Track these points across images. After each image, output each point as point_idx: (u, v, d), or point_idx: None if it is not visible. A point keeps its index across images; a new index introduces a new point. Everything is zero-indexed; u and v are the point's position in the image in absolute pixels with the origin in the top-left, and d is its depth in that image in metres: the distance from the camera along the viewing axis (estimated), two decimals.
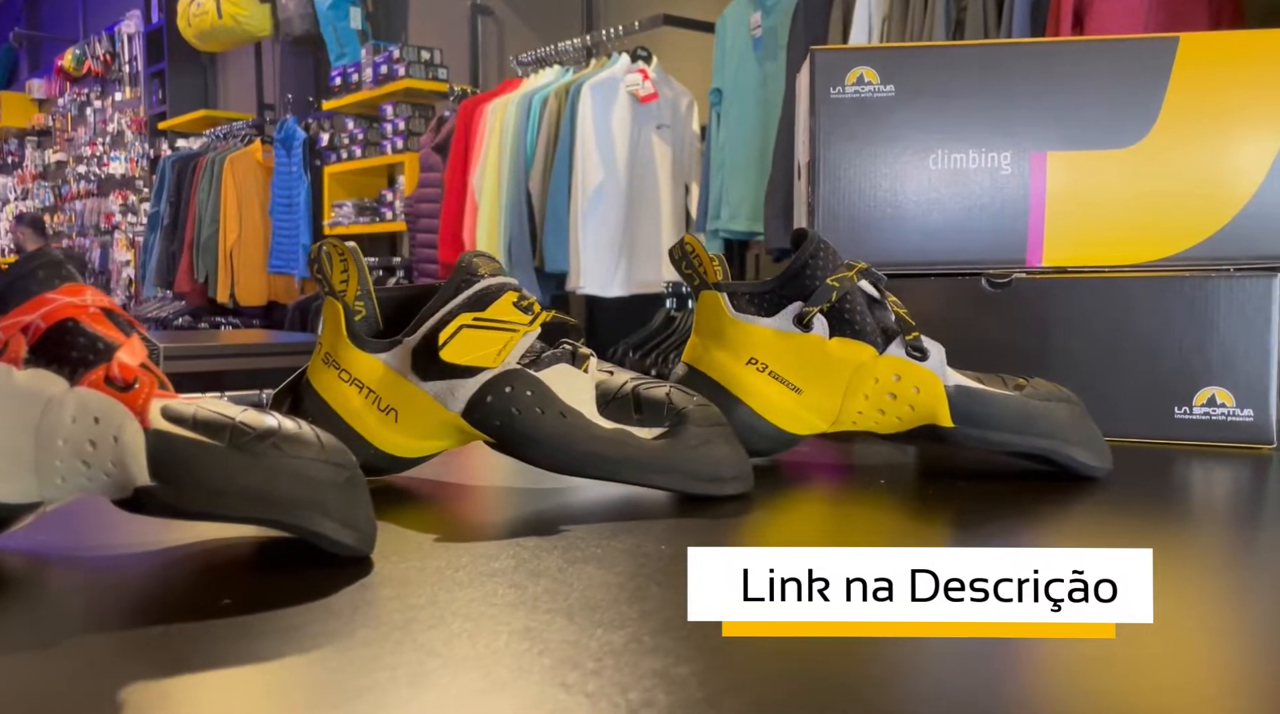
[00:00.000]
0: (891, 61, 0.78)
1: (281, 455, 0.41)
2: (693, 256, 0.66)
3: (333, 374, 0.58)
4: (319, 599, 0.37)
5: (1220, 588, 0.42)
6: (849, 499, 0.58)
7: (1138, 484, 0.64)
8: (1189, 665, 0.33)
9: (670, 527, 0.50)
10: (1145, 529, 0.51)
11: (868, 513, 0.55)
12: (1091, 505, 0.56)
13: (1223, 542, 0.50)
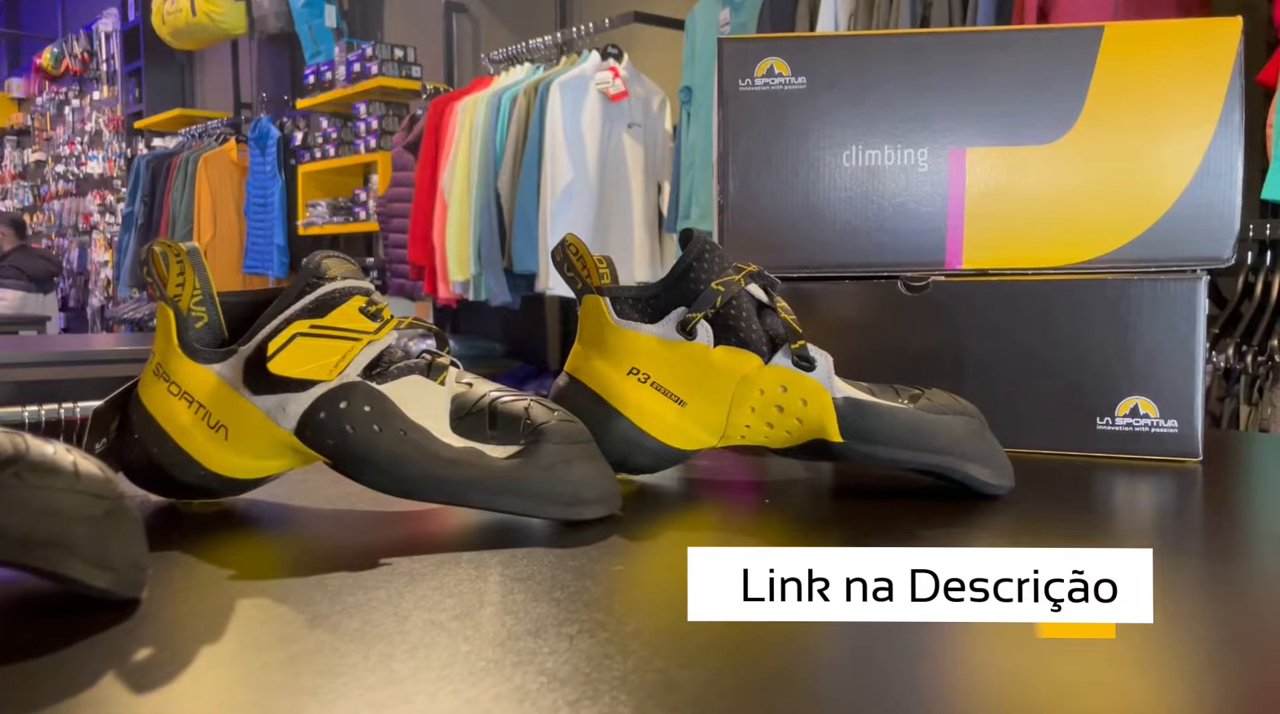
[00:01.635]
0: (803, 52, 0.73)
1: (24, 486, 0.36)
2: (575, 257, 0.61)
3: (162, 387, 0.53)
4: (54, 652, 0.33)
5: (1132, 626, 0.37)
6: (727, 523, 0.54)
7: (1052, 499, 0.60)
8: (1106, 684, 0.29)
9: (514, 558, 0.45)
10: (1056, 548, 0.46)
11: (744, 540, 0.50)
12: (995, 526, 0.52)
13: None
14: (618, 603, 0.39)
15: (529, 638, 0.35)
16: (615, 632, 0.35)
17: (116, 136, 6.84)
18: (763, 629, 0.35)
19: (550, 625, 0.36)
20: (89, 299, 7.24)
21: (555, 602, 0.39)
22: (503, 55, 3.50)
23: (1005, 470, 0.57)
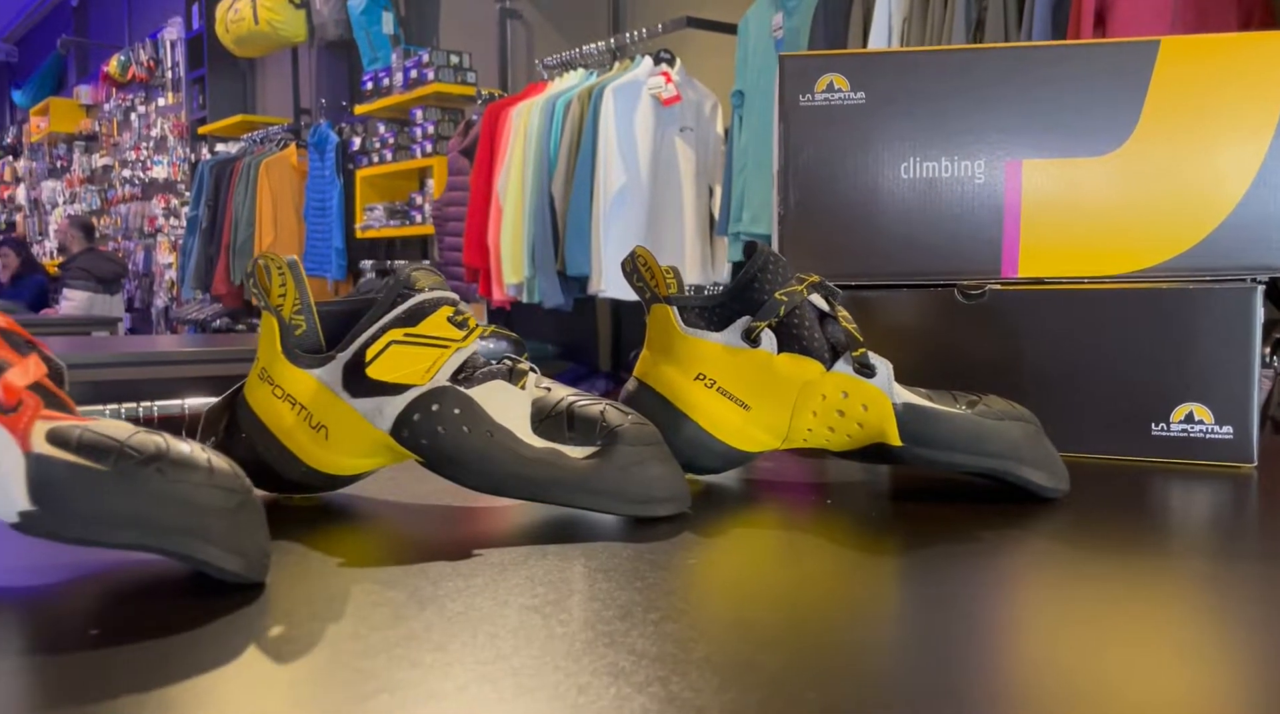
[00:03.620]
0: (862, 68, 0.76)
1: (165, 480, 0.40)
2: (644, 268, 0.64)
3: (267, 390, 0.57)
4: (192, 630, 0.37)
5: (1191, 610, 0.40)
6: (791, 521, 0.56)
7: (1107, 502, 0.61)
8: (1161, 689, 0.31)
9: (595, 551, 0.48)
10: (1110, 552, 0.49)
11: (809, 539, 0.53)
12: (1051, 528, 0.54)
13: (1193, 565, 0.47)
14: (694, 592, 0.42)
15: (617, 621, 0.38)
16: (696, 617, 0.38)
17: (180, 142, 7.04)
18: (833, 615, 0.38)
19: (636, 611, 0.39)
20: (153, 300, 7.46)
21: (637, 590, 0.42)
22: (556, 61, 3.55)
23: (1061, 474, 0.59)
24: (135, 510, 0.39)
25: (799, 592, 0.43)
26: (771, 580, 0.45)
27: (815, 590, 0.43)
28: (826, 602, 0.41)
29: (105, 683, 0.32)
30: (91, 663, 0.33)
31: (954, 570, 0.46)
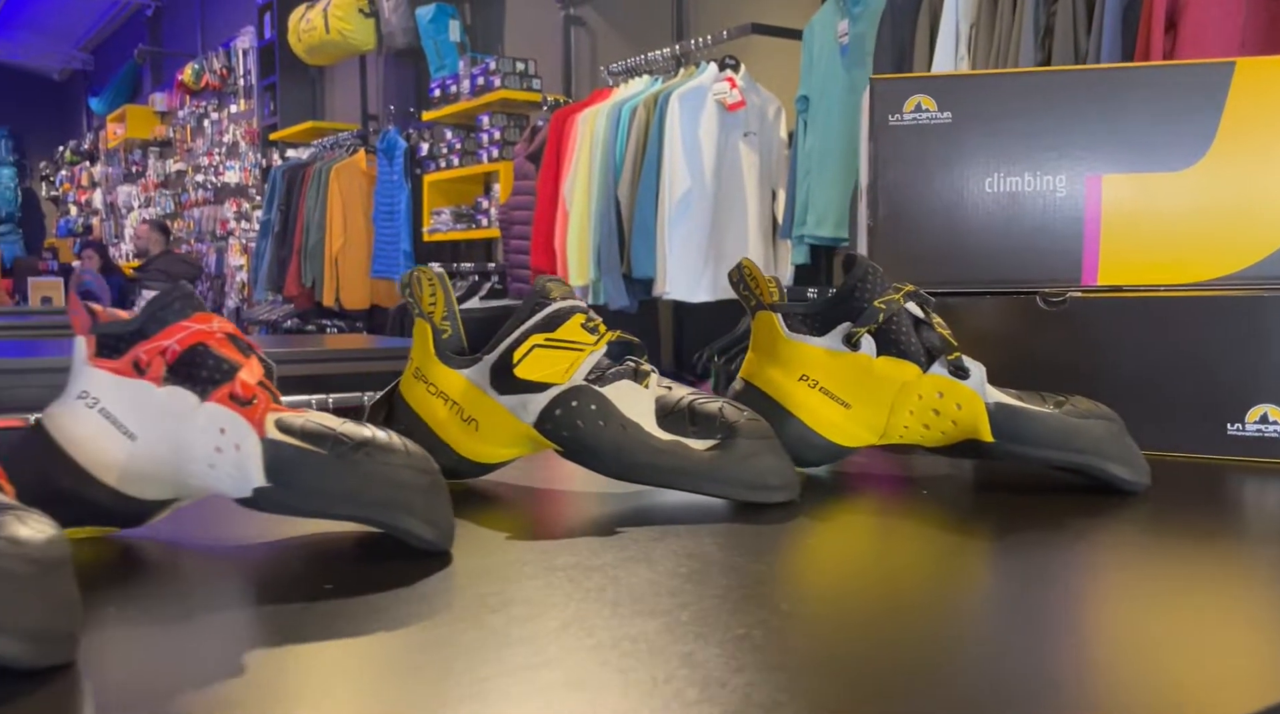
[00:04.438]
0: (948, 89, 0.81)
1: (374, 462, 0.47)
2: (749, 278, 0.71)
3: (422, 388, 0.65)
4: (404, 586, 0.44)
5: (1261, 600, 0.45)
6: (892, 509, 0.62)
7: (1186, 496, 0.66)
8: (1225, 677, 0.37)
9: (718, 531, 0.55)
10: (1188, 542, 0.54)
11: (908, 524, 0.59)
12: (1134, 519, 0.59)
13: (1266, 552, 0.52)
14: (811, 568, 0.48)
15: (755, 585, 0.44)
16: (817, 586, 0.45)
17: (252, 147, 7.25)
18: (934, 595, 0.44)
19: (767, 582, 0.45)
20: (225, 301, 7.69)
21: (767, 564, 0.48)
22: (621, 68, 3.62)
23: (1143, 469, 0.64)
24: (350, 487, 0.47)
25: (901, 571, 0.49)
26: (877, 561, 0.51)
27: (917, 571, 0.49)
28: (927, 582, 0.47)
29: (342, 626, 0.39)
30: (329, 610, 0.41)
31: (1045, 555, 0.52)
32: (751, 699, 0.32)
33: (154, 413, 0.47)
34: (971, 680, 0.34)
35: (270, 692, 0.33)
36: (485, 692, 0.32)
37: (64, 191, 11.53)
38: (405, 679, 0.34)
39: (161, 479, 0.48)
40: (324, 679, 0.34)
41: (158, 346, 0.48)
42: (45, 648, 0.33)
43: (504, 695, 0.32)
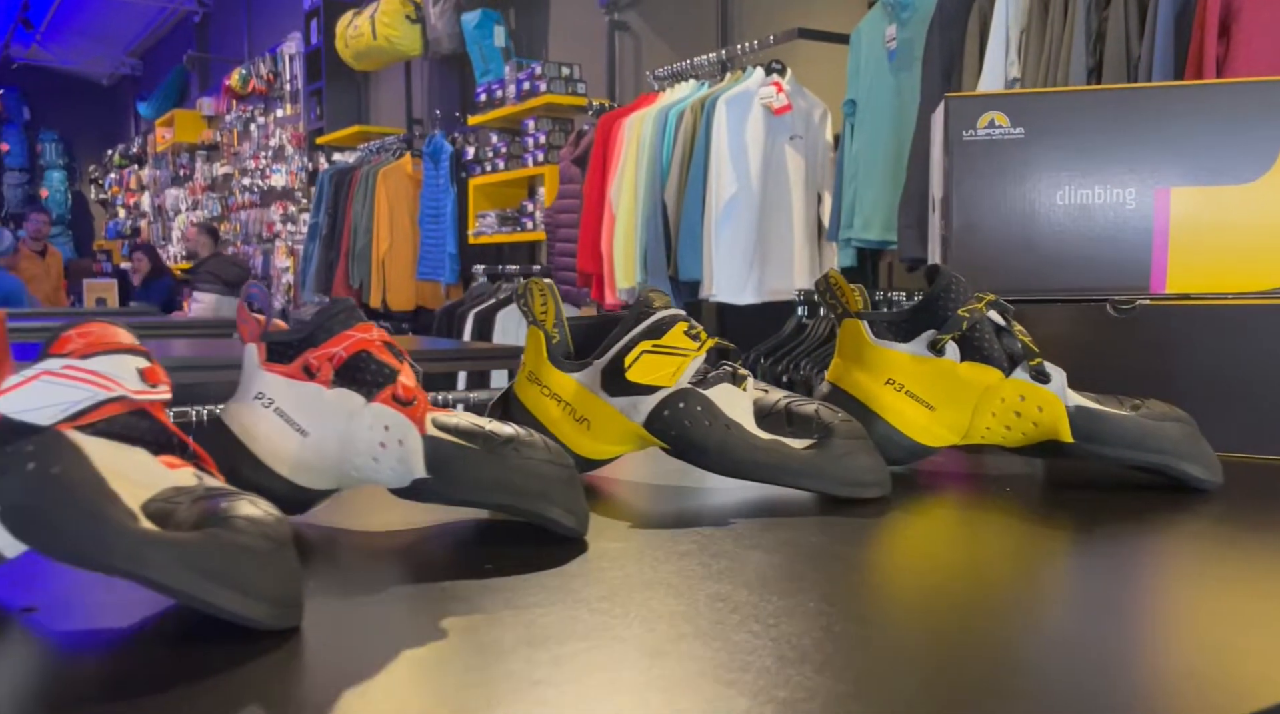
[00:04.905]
0: (1021, 106, 0.85)
1: (520, 456, 0.52)
2: (836, 288, 0.75)
3: (536, 390, 0.70)
4: (553, 567, 0.49)
5: None
6: (978, 504, 0.67)
7: (1256, 493, 0.70)
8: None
9: (819, 523, 0.59)
10: (1260, 533, 0.57)
11: (995, 517, 0.63)
12: (1206, 515, 0.63)
13: None
14: (901, 555, 0.53)
15: (867, 571, 0.49)
16: (909, 570, 0.49)
17: (298, 151, 7.39)
18: (1022, 585, 0.49)
19: (874, 567, 0.50)
20: (272, 302, 7.84)
21: (873, 552, 0.53)
22: (667, 72, 3.67)
23: (1216, 469, 0.68)
24: (500, 479, 0.52)
25: (992, 562, 0.53)
26: (968, 553, 0.55)
27: (1005, 563, 0.53)
28: (1014, 574, 0.51)
29: (509, 596, 0.44)
30: (491, 586, 0.46)
31: (1128, 548, 0.56)
32: (875, 672, 0.37)
33: (323, 412, 0.53)
34: (1059, 674, 0.39)
35: (457, 653, 0.38)
36: (667, 652, 0.37)
37: (112, 194, 11.79)
38: (585, 643, 0.39)
39: (328, 471, 0.54)
40: (506, 642, 0.39)
41: (326, 353, 0.53)
42: (282, 612, 0.39)
43: (677, 657, 0.37)
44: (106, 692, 0.35)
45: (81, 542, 0.36)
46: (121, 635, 0.40)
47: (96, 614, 0.42)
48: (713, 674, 0.35)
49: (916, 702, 0.34)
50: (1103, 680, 0.35)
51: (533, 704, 0.33)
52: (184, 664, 0.37)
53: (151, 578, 0.36)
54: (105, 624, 0.41)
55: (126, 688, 0.35)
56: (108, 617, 0.42)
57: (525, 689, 0.34)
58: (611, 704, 0.33)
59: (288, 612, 0.39)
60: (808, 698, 0.33)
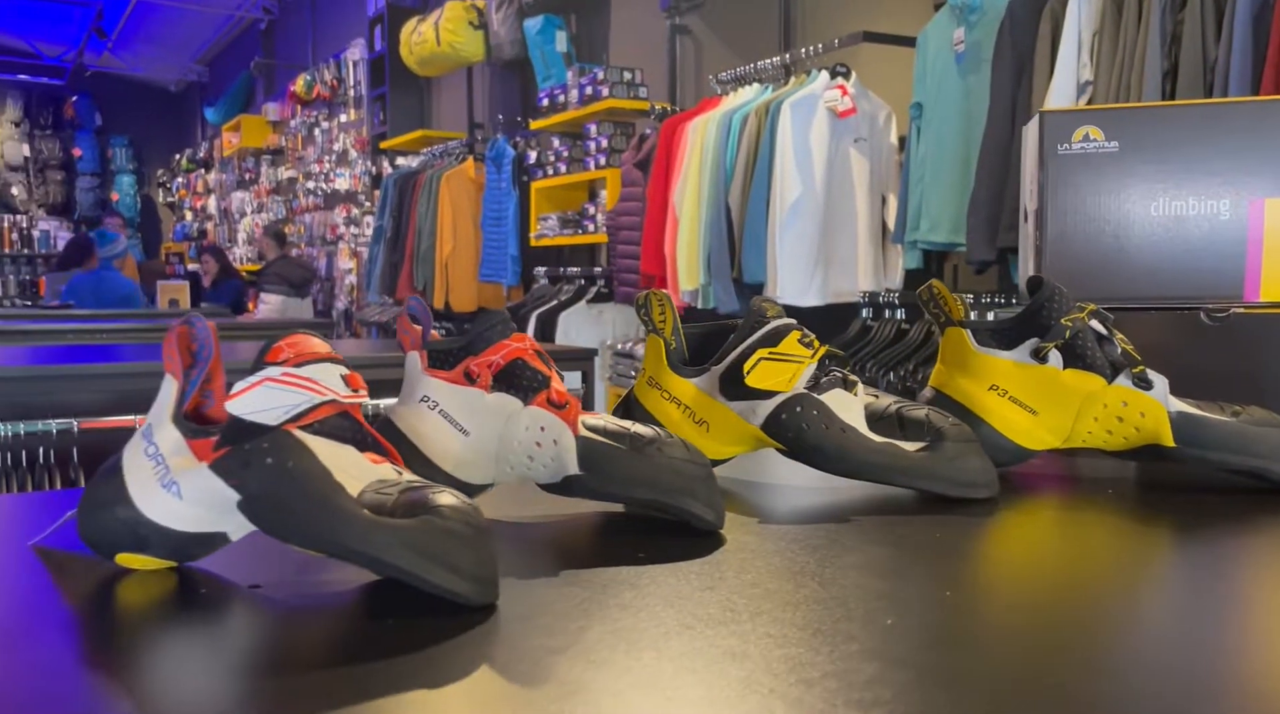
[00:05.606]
0: (1115, 121, 0.88)
1: (663, 455, 0.57)
2: (939, 297, 0.79)
3: (656, 394, 0.75)
4: (699, 558, 0.53)
5: None
6: (1082, 505, 0.70)
7: None
8: None
9: (934, 521, 0.63)
10: None
11: (1100, 517, 0.66)
12: None
13: None
14: (1013, 552, 0.56)
15: (986, 564, 0.53)
16: (1022, 565, 0.53)
17: (362, 155, 7.55)
18: (1131, 583, 0.52)
19: (993, 561, 0.54)
20: (334, 303, 8.02)
21: (990, 548, 0.56)
22: (730, 76, 3.70)
23: None
24: (647, 475, 0.57)
25: (1100, 559, 0.56)
26: (1077, 550, 0.59)
27: (1113, 561, 0.56)
28: (1122, 571, 0.55)
29: (662, 583, 0.49)
30: (649, 573, 0.50)
31: (1226, 549, 0.59)
32: None
33: (484, 414, 0.58)
34: (1159, 675, 0.42)
35: (637, 631, 0.42)
36: (830, 632, 0.42)
37: (180, 198, 12.13)
38: (753, 625, 0.43)
39: (486, 467, 0.59)
40: (683, 620, 0.44)
41: (485, 361, 0.59)
42: (484, 589, 0.44)
43: (843, 638, 0.41)
44: (326, 657, 0.40)
45: (317, 526, 0.42)
46: (338, 609, 0.46)
47: (315, 591, 0.48)
48: (879, 653, 0.40)
49: (1025, 682, 0.38)
50: (1203, 681, 0.39)
51: (721, 673, 0.37)
52: (394, 633, 0.42)
53: (379, 558, 0.41)
54: (323, 600, 0.47)
55: (344, 653, 0.40)
56: (325, 593, 0.47)
57: (716, 661, 0.39)
58: (796, 676, 0.37)
59: (488, 589, 0.44)
60: (961, 676, 0.38)
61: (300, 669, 0.39)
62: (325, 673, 0.38)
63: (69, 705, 0.35)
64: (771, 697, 0.35)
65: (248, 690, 0.37)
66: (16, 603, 0.46)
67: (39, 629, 0.42)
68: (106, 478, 0.48)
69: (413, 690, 0.36)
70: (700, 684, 0.37)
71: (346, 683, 0.37)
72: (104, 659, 0.40)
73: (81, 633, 0.43)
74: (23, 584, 0.48)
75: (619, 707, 0.35)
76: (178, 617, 0.45)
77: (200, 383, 0.49)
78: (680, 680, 0.37)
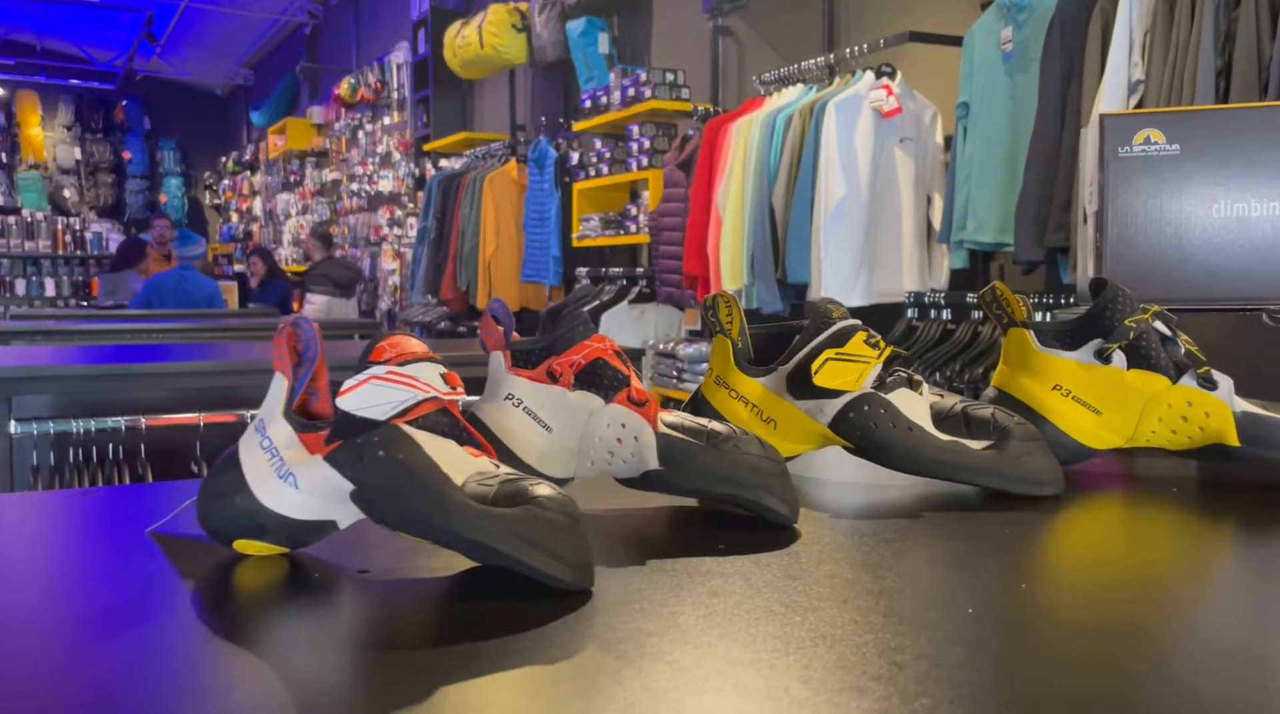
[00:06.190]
0: (1176, 124, 0.88)
1: (740, 452, 0.59)
2: (1002, 299, 0.80)
3: (724, 393, 0.77)
4: (778, 550, 0.56)
5: None
6: (1147, 503, 0.71)
7: None
8: None
9: (1001, 518, 0.65)
10: None
11: (1166, 515, 0.67)
12: None
13: None
14: (1081, 547, 0.58)
15: (1063, 559, 0.54)
16: (1096, 560, 0.54)
17: (405, 157, 7.65)
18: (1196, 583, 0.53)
19: (1065, 555, 0.55)
20: (378, 303, 8.13)
21: (1059, 543, 0.58)
22: (773, 77, 3.71)
23: None
24: (725, 471, 0.59)
25: (1168, 554, 0.58)
26: (1143, 546, 0.60)
27: (1180, 557, 0.58)
28: (1187, 568, 0.56)
29: (747, 573, 0.51)
30: (730, 564, 0.53)
31: None
32: None
33: (566, 411, 0.61)
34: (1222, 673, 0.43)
35: (726, 616, 0.45)
36: (917, 618, 0.44)
37: (226, 200, 12.35)
38: (842, 612, 0.45)
39: (568, 462, 0.62)
40: (772, 607, 0.46)
41: (568, 360, 0.61)
42: (581, 575, 0.46)
43: (928, 625, 0.43)
44: (436, 635, 0.43)
45: (429, 515, 0.45)
46: (442, 593, 0.49)
47: (419, 576, 0.50)
48: (963, 639, 0.42)
49: (1103, 669, 0.39)
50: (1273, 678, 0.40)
51: (815, 655, 0.39)
52: (498, 615, 0.44)
53: (487, 544, 0.44)
54: (428, 584, 0.50)
55: (452, 633, 0.43)
56: (429, 579, 0.50)
57: (808, 644, 0.41)
58: (887, 660, 0.39)
59: (585, 574, 0.47)
60: (1042, 662, 0.39)
61: (411, 646, 0.42)
62: (436, 650, 0.41)
63: (200, 678, 0.38)
64: (864, 677, 0.37)
65: (365, 664, 0.40)
66: (142, 585, 0.49)
67: (165, 609, 0.46)
68: (225, 470, 0.51)
69: (523, 667, 0.39)
70: (797, 664, 0.39)
71: (457, 660, 0.39)
72: (228, 637, 0.43)
73: (206, 613, 0.46)
74: (145, 568, 0.51)
75: (725, 683, 0.37)
76: (296, 599, 0.48)
77: (307, 381, 0.52)
78: (777, 661, 0.39)
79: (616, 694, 0.36)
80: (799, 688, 0.37)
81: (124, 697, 0.36)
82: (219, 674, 0.39)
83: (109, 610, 0.45)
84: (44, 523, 0.64)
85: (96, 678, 0.38)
